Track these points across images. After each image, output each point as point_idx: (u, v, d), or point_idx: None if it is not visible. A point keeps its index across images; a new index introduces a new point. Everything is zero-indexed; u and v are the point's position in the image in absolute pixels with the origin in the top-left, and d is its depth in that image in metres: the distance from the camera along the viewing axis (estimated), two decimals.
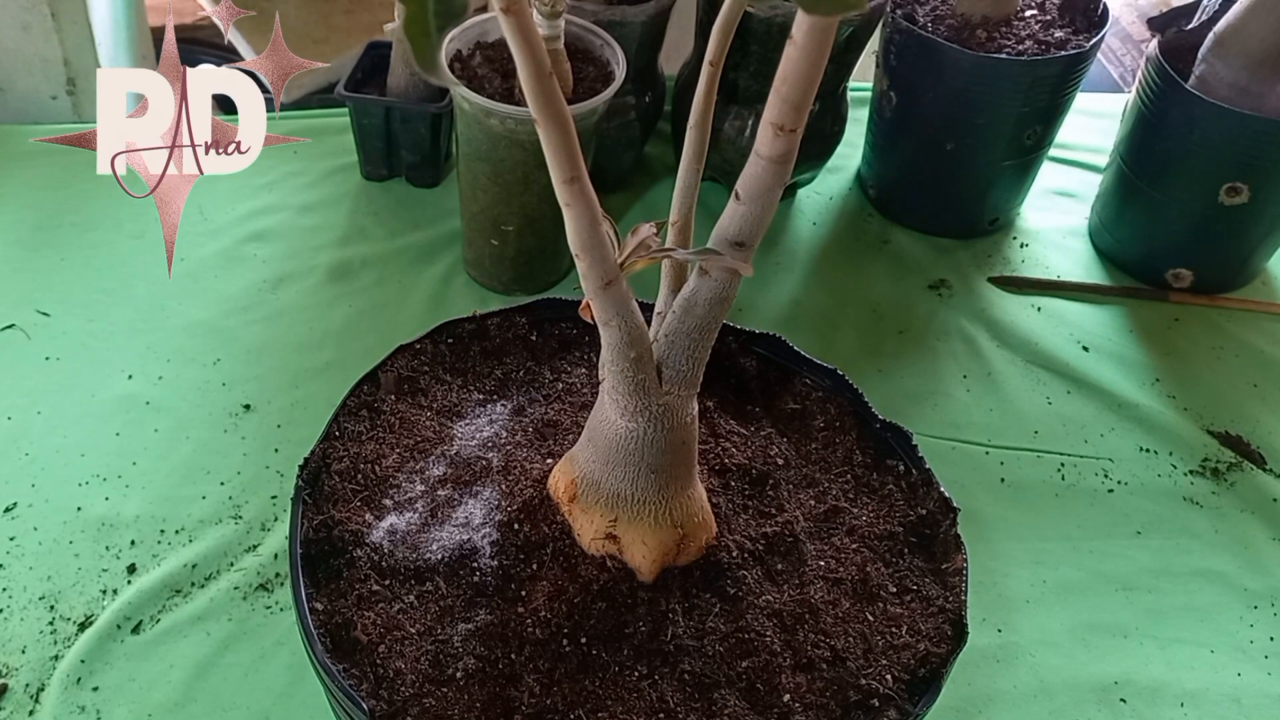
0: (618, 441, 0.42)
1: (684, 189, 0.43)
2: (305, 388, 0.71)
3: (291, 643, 0.58)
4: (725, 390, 0.54)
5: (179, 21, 1.18)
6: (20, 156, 0.86)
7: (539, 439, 0.50)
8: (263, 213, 0.84)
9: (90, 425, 0.68)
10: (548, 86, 0.33)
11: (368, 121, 0.84)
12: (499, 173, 0.71)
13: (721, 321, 0.41)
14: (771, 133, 0.34)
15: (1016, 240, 0.90)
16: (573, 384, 0.53)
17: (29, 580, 0.60)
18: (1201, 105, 0.76)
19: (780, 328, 0.59)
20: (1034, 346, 0.80)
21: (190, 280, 0.78)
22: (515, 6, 0.31)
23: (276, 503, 0.64)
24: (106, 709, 0.55)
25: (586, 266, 0.37)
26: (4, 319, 0.74)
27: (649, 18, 0.77)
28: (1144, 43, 1.16)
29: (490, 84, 0.70)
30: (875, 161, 0.92)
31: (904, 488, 0.50)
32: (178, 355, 0.73)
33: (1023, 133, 0.82)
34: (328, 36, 1.30)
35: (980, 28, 0.81)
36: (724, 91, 0.80)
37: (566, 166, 0.35)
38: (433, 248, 0.83)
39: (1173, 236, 0.84)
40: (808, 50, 0.31)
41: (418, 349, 0.53)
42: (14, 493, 0.63)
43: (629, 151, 0.88)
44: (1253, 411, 0.77)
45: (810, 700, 0.42)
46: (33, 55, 0.89)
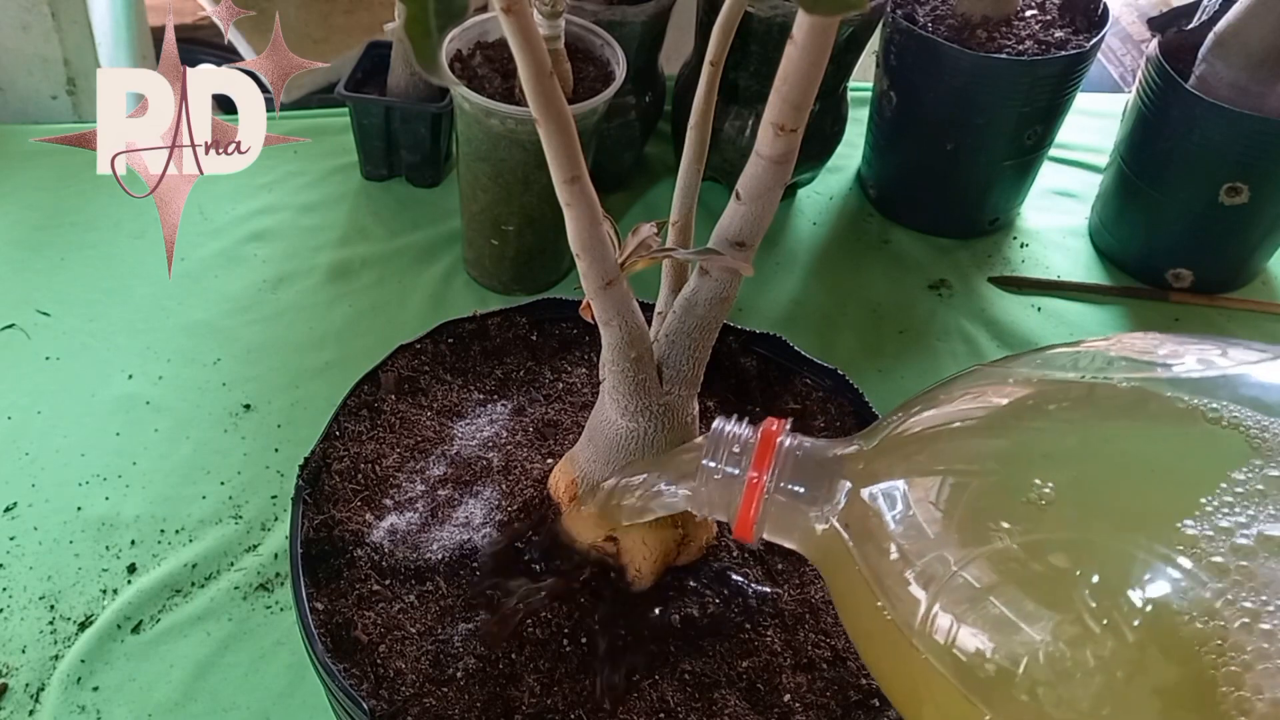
0: (618, 441, 0.42)
1: (684, 189, 0.43)
2: (305, 388, 0.71)
3: (291, 643, 0.58)
4: (725, 390, 0.54)
5: (179, 21, 1.18)
6: (20, 156, 0.86)
7: (539, 439, 0.50)
8: (263, 213, 0.84)
9: (90, 425, 0.68)
10: (548, 86, 0.33)
11: (368, 121, 0.84)
12: (499, 173, 0.71)
13: (722, 321, 0.41)
14: (772, 133, 0.34)
15: (1016, 240, 0.90)
16: (573, 384, 0.53)
17: (29, 580, 0.60)
18: (1201, 105, 0.76)
19: (780, 328, 0.59)
20: (1034, 346, 0.80)
21: (190, 280, 0.78)
22: (516, 6, 0.31)
23: (276, 503, 0.64)
24: (106, 709, 0.55)
25: (587, 266, 0.37)
26: (4, 319, 0.74)
27: (649, 18, 0.77)
28: (1144, 43, 1.16)
29: (490, 84, 0.70)
30: (875, 161, 0.92)
31: None
32: (178, 355, 0.73)
33: (1023, 133, 0.82)
34: (328, 36, 1.30)
35: (980, 28, 0.81)
36: (724, 91, 0.80)
37: (567, 166, 0.35)
38: (433, 248, 0.83)
39: (1173, 236, 0.84)
40: (808, 50, 0.31)
41: (418, 349, 0.53)
42: (14, 493, 0.63)
43: (629, 151, 0.88)
44: None
45: (810, 700, 0.42)
46: (33, 55, 0.89)
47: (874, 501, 0.33)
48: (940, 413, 0.34)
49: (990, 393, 0.34)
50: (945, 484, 0.32)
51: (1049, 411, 0.33)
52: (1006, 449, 0.32)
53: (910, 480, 0.33)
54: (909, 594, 0.31)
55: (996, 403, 0.33)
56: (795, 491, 0.35)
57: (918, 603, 0.31)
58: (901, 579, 0.32)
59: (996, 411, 0.33)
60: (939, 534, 0.31)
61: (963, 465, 0.33)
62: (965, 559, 0.30)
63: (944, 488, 0.32)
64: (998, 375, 0.34)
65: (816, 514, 0.35)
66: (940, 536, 0.31)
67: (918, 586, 0.31)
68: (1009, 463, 0.32)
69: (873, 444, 0.35)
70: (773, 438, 0.36)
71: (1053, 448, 0.32)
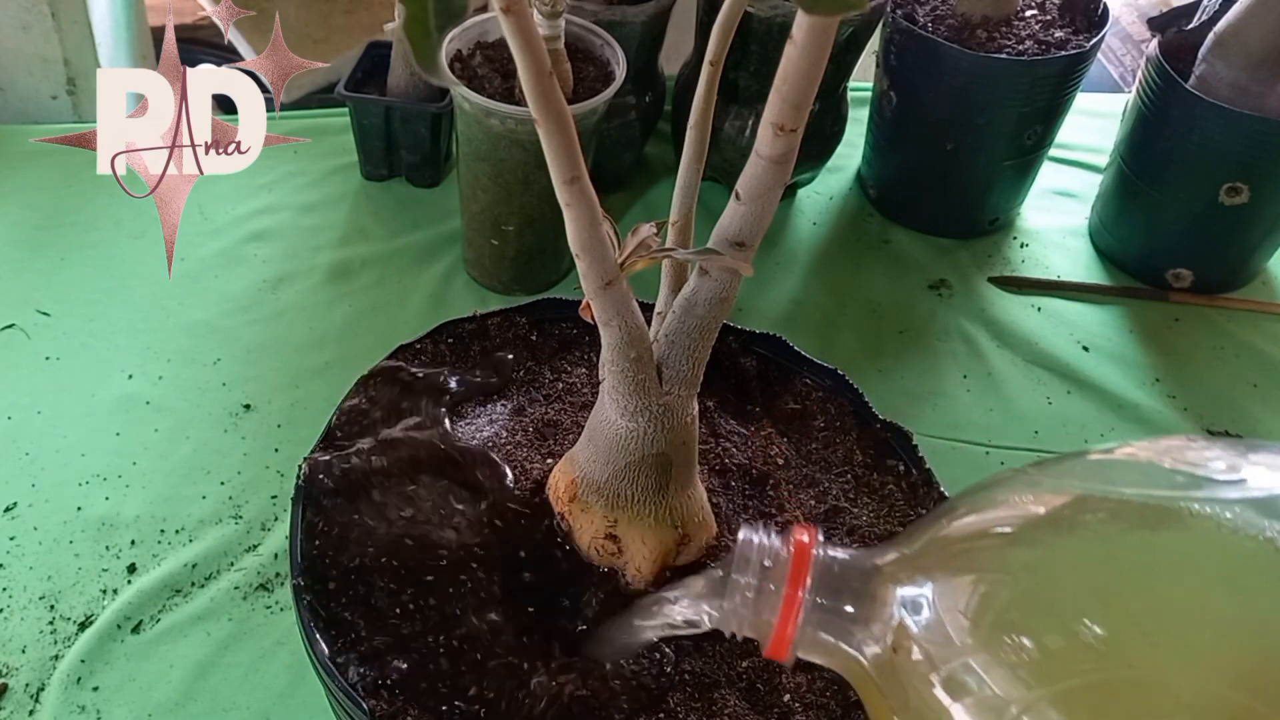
0: (618, 441, 0.42)
1: (684, 189, 0.43)
2: (305, 388, 0.71)
3: (291, 643, 0.58)
4: (725, 390, 0.54)
5: (179, 21, 1.18)
6: (20, 156, 0.86)
7: (539, 439, 0.50)
8: (263, 213, 0.84)
9: (90, 425, 0.68)
10: (548, 86, 0.33)
11: (368, 121, 0.84)
12: (499, 173, 0.71)
13: (722, 321, 0.41)
14: (772, 133, 0.34)
15: (1016, 240, 0.90)
16: (573, 384, 0.53)
17: (29, 580, 0.60)
18: (1201, 105, 0.76)
19: (780, 328, 0.59)
20: (1034, 346, 0.80)
21: (190, 280, 0.78)
22: (515, 6, 0.31)
23: (276, 503, 0.64)
24: (106, 709, 0.55)
25: (586, 266, 0.37)
26: (4, 319, 0.74)
27: (649, 18, 0.77)
28: (1144, 43, 1.16)
29: (490, 84, 0.70)
30: (875, 161, 0.92)
31: (904, 488, 0.50)
32: (178, 355, 0.73)
33: (1023, 133, 0.82)
34: (328, 36, 1.30)
35: (980, 28, 0.81)
36: (724, 91, 0.80)
37: (567, 166, 0.35)
38: (433, 248, 0.83)
39: (1173, 236, 0.84)
40: (808, 50, 0.31)
41: (418, 349, 0.53)
42: (14, 493, 0.63)
43: (629, 151, 0.88)
44: (1253, 411, 0.77)
45: (810, 700, 0.42)
46: (33, 55, 0.89)
47: (919, 626, 0.31)
48: (994, 530, 0.31)
49: (1044, 510, 0.31)
50: (1010, 617, 0.29)
51: (1118, 538, 0.30)
52: (1071, 580, 0.29)
53: (965, 603, 0.30)
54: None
55: (1052, 525, 0.31)
56: (838, 609, 0.33)
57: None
58: (958, 713, 0.29)
59: (1056, 541, 0.30)
60: (998, 668, 0.29)
61: (1030, 595, 0.30)
62: (1031, 701, 0.28)
63: (1009, 621, 0.29)
64: (1049, 485, 0.32)
65: (863, 634, 0.32)
66: (1003, 673, 0.28)
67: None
68: (1074, 595, 0.29)
69: (917, 555, 0.33)
70: (806, 550, 0.33)
71: (1125, 579, 0.29)
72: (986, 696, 0.29)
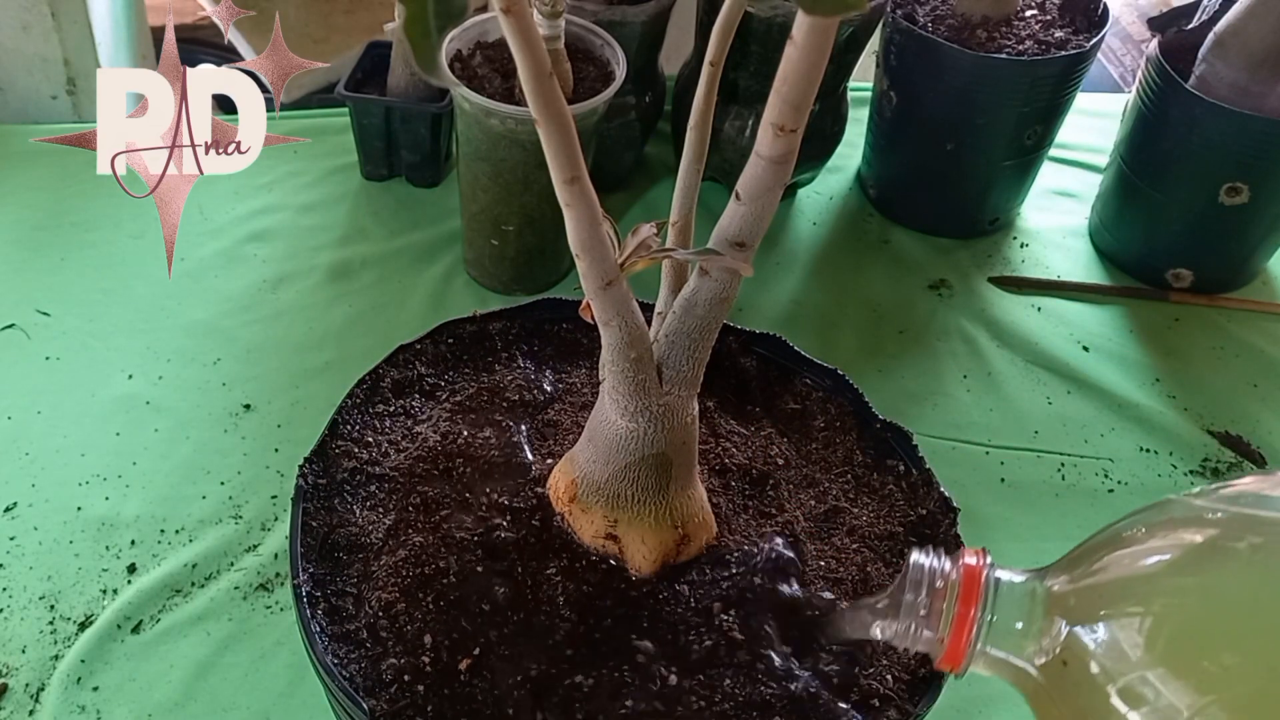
0: (618, 441, 0.42)
1: (684, 189, 0.43)
2: (305, 388, 0.71)
3: (291, 643, 0.58)
4: (725, 390, 0.54)
5: (179, 21, 1.18)
6: (20, 156, 0.86)
7: (539, 439, 0.50)
8: (263, 213, 0.84)
9: (90, 425, 0.68)
10: (548, 86, 0.33)
11: (368, 121, 0.84)
12: (499, 173, 0.71)
13: (722, 322, 0.41)
14: (772, 133, 0.34)
15: (1016, 240, 0.90)
16: (573, 384, 0.53)
17: (29, 580, 0.60)
18: (1201, 105, 0.76)
19: (780, 328, 0.59)
20: (1034, 346, 0.80)
21: (190, 280, 0.78)
22: (515, 6, 0.31)
23: (276, 503, 0.64)
24: (106, 709, 0.55)
25: (586, 266, 0.37)
26: (4, 319, 0.74)
27: (649, 18, 0.77)
28: (1144, 43, 1.16)
29: (490, 84, 0.70)
30: (875, 161, 0.92)
31: (904, 488, 0.50)
32: (178, 355, 0.73)
33: (1023, 133, 0.82)
34: (328, 36, 1.30)
35: (980, 28, 0.81)
36: (724, 91, 0.80)
37: (567, 166, 0.35)
38: (433, 248, 0.83)
39: (1173, 236, 0.84)
40: (808, 50, 0.31)
41: (418, 349, 0.53)
42: (14, 493, 0.63)
43: (629, 151, 0.88)
44: (1253, 411, 0.77)
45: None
46: (33, 55, 0.89)
47: (1095, 644, 0.34)
48: (1162, 558, 0.35)
49: (1205, 538, 0.34)
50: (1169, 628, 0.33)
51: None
52: (1239, 601, 0.33)
53: (1131, 621, 0.34)
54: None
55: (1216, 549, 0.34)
56: (1008, 627, 0.36)
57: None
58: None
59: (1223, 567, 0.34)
60: (1167, 678, 0.32)
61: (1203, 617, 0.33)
62: (1203, 705, 0.31)
63: (1167, 633, 0.33)
64: (1211, 514, 0.35)
65: (1033, 648, 0.36)
66: (1170, 681, 0.32)
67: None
68: (1244, 614, 0.32)
69: (1086, 579, 0.36)
70: (977, 573, 0.37)
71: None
72: (1163, 706, 0.32)
